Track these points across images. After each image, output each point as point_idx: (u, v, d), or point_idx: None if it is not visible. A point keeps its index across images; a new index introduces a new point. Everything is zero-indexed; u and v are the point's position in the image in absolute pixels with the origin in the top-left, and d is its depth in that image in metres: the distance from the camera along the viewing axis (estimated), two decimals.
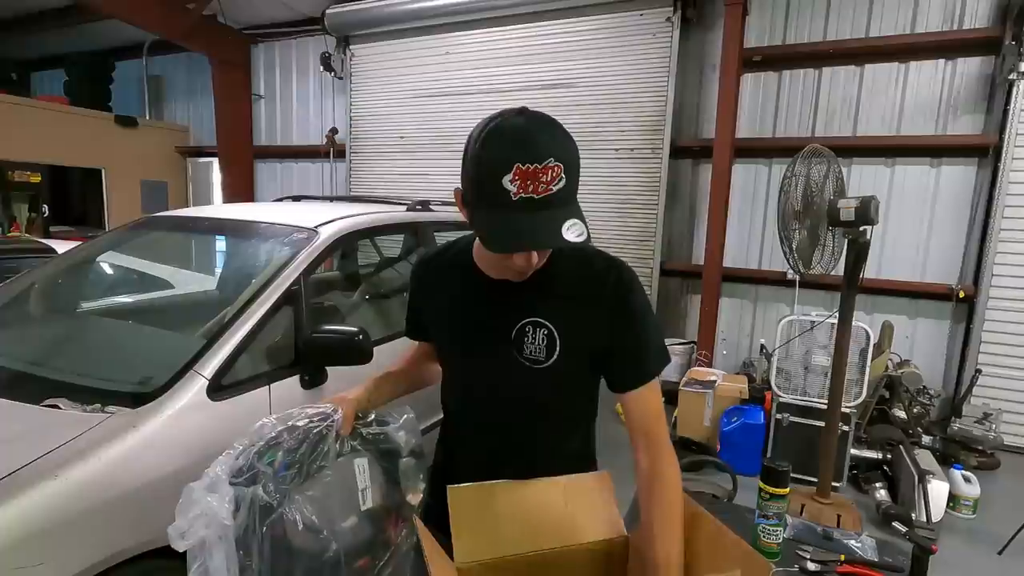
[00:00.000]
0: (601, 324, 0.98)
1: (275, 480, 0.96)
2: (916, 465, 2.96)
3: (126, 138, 7.10)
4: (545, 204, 0.80)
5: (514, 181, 0.78)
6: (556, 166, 0.79)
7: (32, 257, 3.45)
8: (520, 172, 0.78)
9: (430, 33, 5.67)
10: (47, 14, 6.81)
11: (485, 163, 0.81)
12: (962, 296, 4.02)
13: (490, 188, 0.80)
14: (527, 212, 0.80)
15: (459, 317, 1.06)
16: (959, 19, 4.03)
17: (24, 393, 1.55)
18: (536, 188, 0.78)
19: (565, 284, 0.99)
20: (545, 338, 0.98)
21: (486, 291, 1.01)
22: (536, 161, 0.78)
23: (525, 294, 0.98)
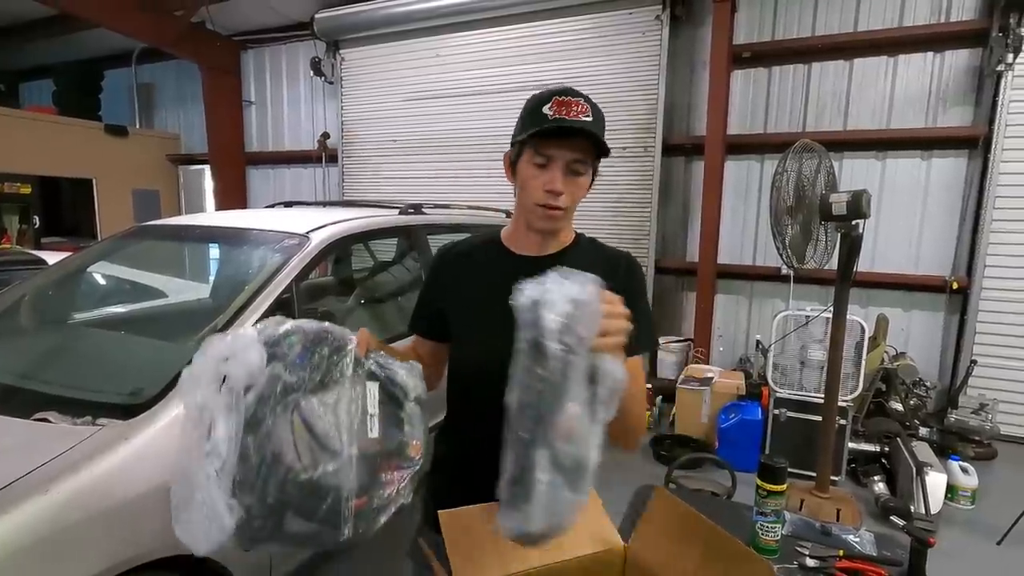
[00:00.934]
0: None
1: (292, 367, 0.87)
2: (914, 457, 2.96)
3: (116, 147, 7.06)
4: (575, 124, 0.98)
5: (551, 107, 0.98)
6: (586, 104, 1.00)
7: (23, 269, 3.42)
8: (557, 102, 0.98)
9: (420, 36, 5.66)
10: (35, 24, 6.76)
11: (530, 102, 1.03)
12: (956, 287, 4.04)
13: (532, 116, 1.00)
14: (560, 124, 0.98)
15: (482, 291, 1.10)
16: (946, 11, 4.04)
17: (14, 407, 1.54)
18: (568, 112, 0.98)
19: (588, 261, 1.05)
20: None
21: (511, 266, 1.07)
22: (571, 95, 1.00)
23: (544, 266, 1.02)
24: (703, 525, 0.99)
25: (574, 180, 1.02)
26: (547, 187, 1.00)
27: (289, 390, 0.85)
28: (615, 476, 1.04)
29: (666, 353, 4.81)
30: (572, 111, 0.98)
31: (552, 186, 1.00)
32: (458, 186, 5.60)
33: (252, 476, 0.81)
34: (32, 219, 6.30)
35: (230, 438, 0.81)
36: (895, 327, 4.18)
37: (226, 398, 0.83)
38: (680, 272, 5.03)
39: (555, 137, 0.98)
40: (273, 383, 0.84)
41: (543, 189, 1.00)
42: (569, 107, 0.98)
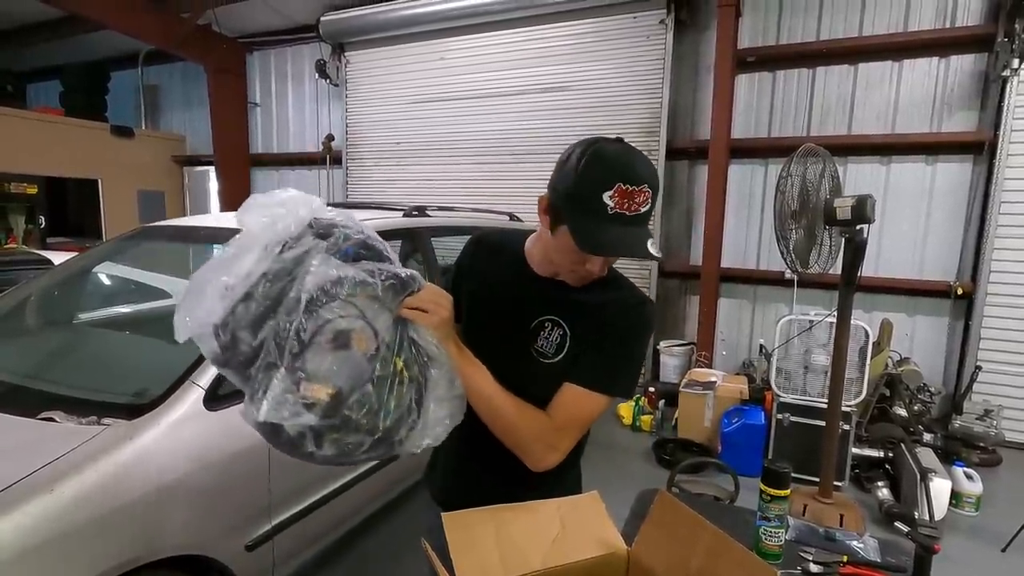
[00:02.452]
0: (604, 337, 1.05)
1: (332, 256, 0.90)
2: (918, 463, 2.95)
3: (122, 148, 7.09)
4: (634, 221, 0.91)
5: (613, 197, 0.89)
6: (648, 191, 0.91)
7: (29, 269, 3.44)
8: (621, 191, 0.89)
9: (425, 39, 5.69)
10: (42, 25, 6.81)
11: (588, 180, 0.91)
12: (960, 293, 4.02)
13: (590, 200, 0.91)
14: (619, 225, 0.91)
15: (496, 294, 1.12)
16: (952, 16, 4.04)
17: (20, 406, 1.55)
18: (630, 207, 0.90)
19: (596, 299, 1.06)
20: (559, 337, 1.06)
21: (527, 281, 1.10)
22: (635, 183, 0.90)
23: (556, 294, 1.07)
24: (707, 529, 0.98)
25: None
26: (584, 271, 0.99)
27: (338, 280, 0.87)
28: (617, 480, 1.05)
29: (669, 357, 4.80)
30: (634, 205, 0.90)
31: (592, 271, 0.99)
32: (462, 189, 5.61)
33: (244, 314, 0.87)
34: (38, 219, 6.34)
35: (249, 274, 0.86)
36: (899, 332, 4.17)
37: (267, 237, 0.87)
38: (684, 276, 5.03)
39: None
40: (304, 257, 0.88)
41: (580, 265, 0.98)
42: (632, 199, 0.90)
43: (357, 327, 0.90)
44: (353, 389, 0.88)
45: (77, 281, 2.64)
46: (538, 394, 1.06)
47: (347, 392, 0.88)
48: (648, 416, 4.09)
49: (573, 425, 1.05)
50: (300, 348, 0.86)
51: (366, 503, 2.25)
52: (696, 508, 1.24)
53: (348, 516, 2.16)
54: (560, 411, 1.03)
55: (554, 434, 1.03)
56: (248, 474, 1.68)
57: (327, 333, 0.87)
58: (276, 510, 1.78)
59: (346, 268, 0.89)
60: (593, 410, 1.05)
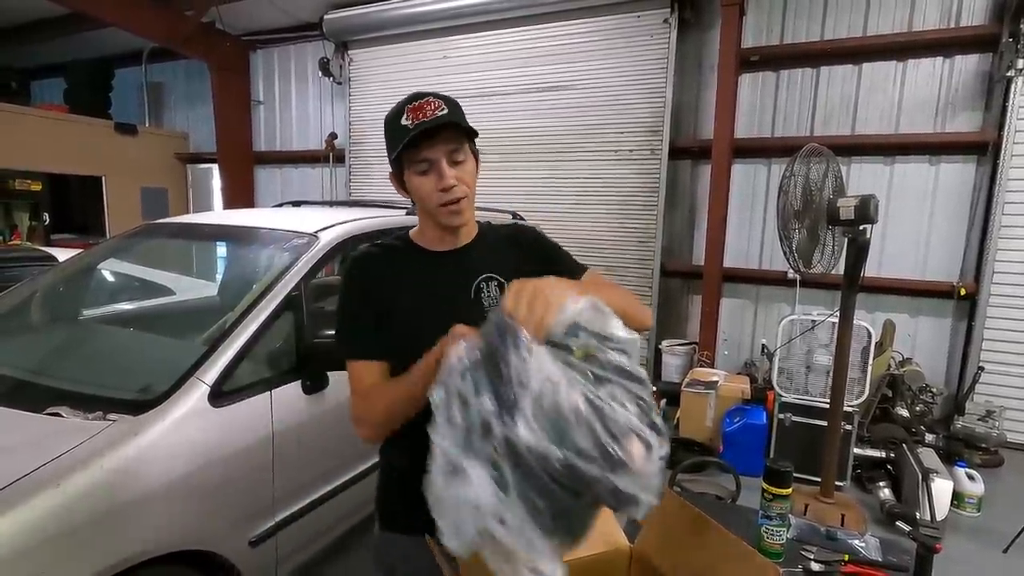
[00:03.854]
0: (531, 260, 1.15)
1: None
2: (919, 463, 2.95)
3: (126, 145, 7.11)
4: (434, 121, 1.01)
5: (407, 116, 1.01)
6: (437, 101, 1.03)
7: (33, 265, 3.46)
8: (411, 109, 1.02)
9: (428, 37, 5.68)
10: (46, 22, 6.82)
11: (388, 120, 1.06)
12: (963, 293, 4.02)
13: (395, 133, 1.03)
14: (423, 128, 1.00)
15: (420, 293, 1.10)
16: (956, 16, 4.03)
17: (26, 402, 1.56)
18: (424, 114, 1.01)
19: (495, 243, 1.20)
20: (497, 287, 1.13)
21: (439, 263, 1.14)
22: (420, 99, 1.03)
23: (470, 258, 1.15)
24: (710, 527, 0.99)
25: (459, 168, 1.05)
26: (439, 187, 1.03)
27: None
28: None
29: (671, 356, 4.80)
30: (426, 112, 1.01)
31: (442, 184, 1.03)
32: None
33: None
34: (42, 216, 6.36)
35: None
36: (902, 333, 4.16)
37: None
38: (686, 275, 5.03)
39: (424, 141, 1.01)
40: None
41: (437, 190, 1.04)
42: (423, 110, 1.02)
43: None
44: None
45: (81, 278, 2.65)
46: None
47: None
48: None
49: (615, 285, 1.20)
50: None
51: (369, 500, 2.26)
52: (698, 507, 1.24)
53: (352, 512, 2.17)
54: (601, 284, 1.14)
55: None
56: (252, 470, 1.69)
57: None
58: (280, 506, 1.80)
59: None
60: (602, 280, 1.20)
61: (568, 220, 5.19)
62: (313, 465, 1.94)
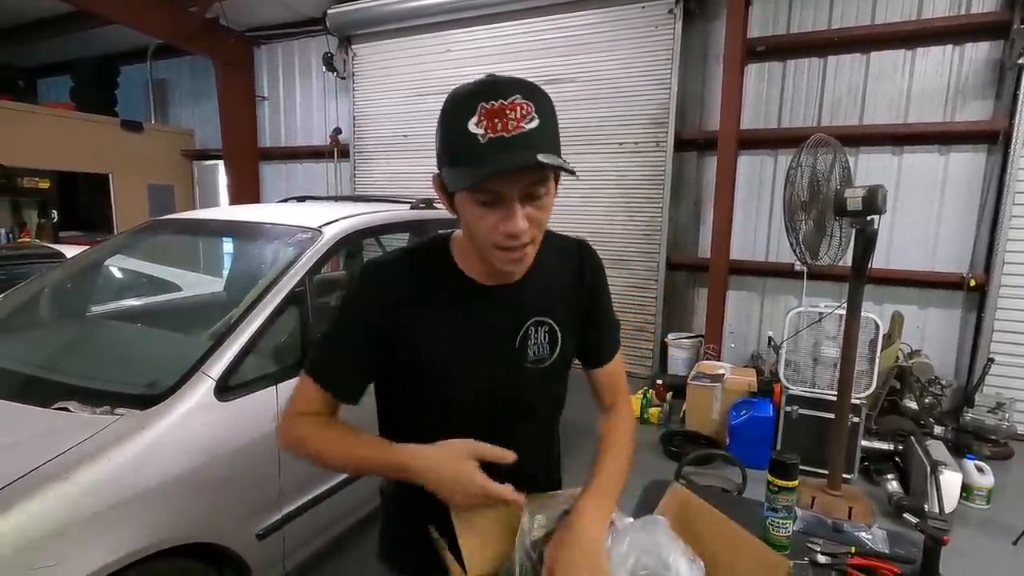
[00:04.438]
0: (583, 304, 1.01)
1: None
2: (928, 456, 2.93)
3: (132, 142, 7.14)
4: (517, 142, 0.72)
5: (480, 123, 0.72)
6: (524, 103, 0.73)
7: (42, 262, 3.48)
8: (485, 111, 0.72)
9: (431, 31, 5.66)
10: (52, 20, 6.85)
11: (450, 116, 0.76)
12: (973, 284, 3.98)
13: (459, 141, 0.74)
14: (499, 151, 0.72)
15: (456, 332, 0.90)
16: (967, 3, 3.96)
17: (35, 397, 1.57)
18: (506, 126, 0.71)
19: (553, 273, 0.97)
20: (547, 335, 0.96)
21: (486, 299, 0.91)
22: (500, 97, 0.72)
23: (523, 294, 0.93)
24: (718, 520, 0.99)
25: (535, 206, 0.78)
26: (504, 230, 0.77)
27: None
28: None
29: (677, 349, 4.79)
30: (507, 121, 0.72)
31: (510, 228, 0.76)
32: None
33: None
34: (50, 213, 6.40)
35: None
36: (911, 324, 4.13)
37: None
38: (692, 268, 5.00)
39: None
40: None
41: (499, 231, 0.77)
42: (503, 117, 0.71)
43: None
44: None
45: (89, 274, 2.67)
46: (550, 398, 1.05)
47: None
48: (656, 408, 4.08)
49: (623, 382, 1.11)
50: None
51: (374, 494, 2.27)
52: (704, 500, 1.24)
53: (358, 506, 2.19)
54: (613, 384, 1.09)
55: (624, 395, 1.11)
56: (258, 464, 1.70)
57: None
58: (286, 500, 1.81)
59: None
60: (621, 361, 1.11)
61: (574, 212, 5.17)
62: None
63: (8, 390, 1.63)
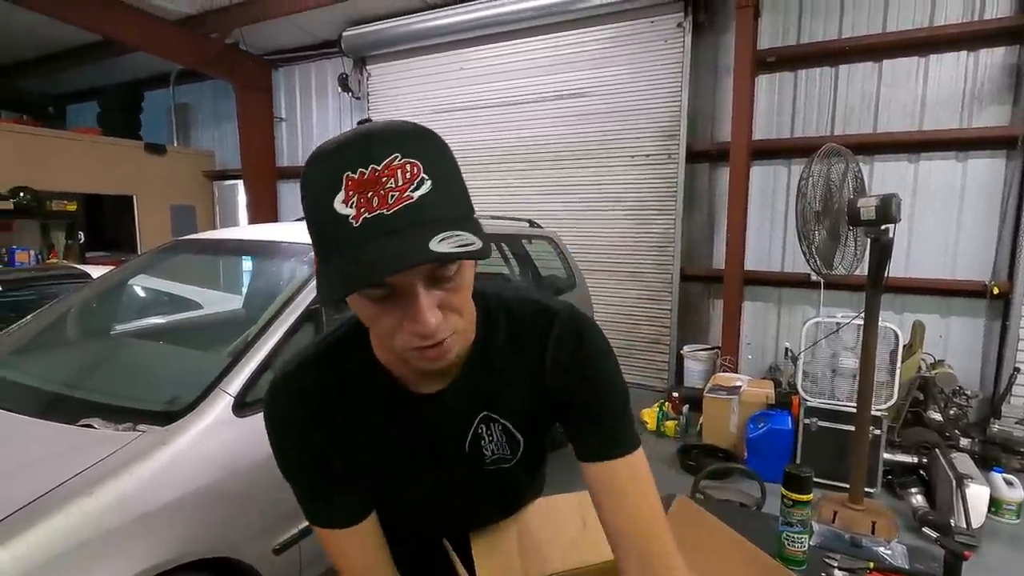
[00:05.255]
0: (552, 379, 0.76)
1: None
2: (953, 469, 2.86)
3: (155, 164, 7.36)
4: (405, 219, 0.53)
5: (349, 200, 0.53)
6: (406, 163, 0.54)
7: (69, 282, 3.59)
8: (353, 183, 0.53)
9: (443, 50, 5.77)
10: (79, 50, 7.11)
11: (313, 190, 0.57)
12: (996, 292, 3.89)
13: (326, 226, 0.55)
14: (382, 235, 0.53)
15: (392, 452, 0.78)
16: (979, 9, 3.93)
17: (61, 414, 1.62)
18: (384, 200, 0.53)
19: (504, 355, 0.76)
20: (502, 432, 0.79)
21: (418, 408, 0.76)
22: (372, 161, 0.54)
23: (467, 392, 0.76)
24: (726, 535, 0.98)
25: (449, 289, 0.60)
26: (411, 331, 0.59)
27: None
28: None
29: (693, 361, 4.75)
30: (387, 193, 0.53)
31: (417, 329, 0.58)
32: (482, 196, 5.66)
33: None
34: (78, 234, 6.59)
35: None
36: (933, 334, 4.05)
37: None
38: (706, 279, 4.97)
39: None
40: None
41: (407, 332, 0.59)
42: (377, 188, 0.53)
43: None
44: None
45: (113, 294, 2.74)
46: (524, 492, 1.00)
47: None
48: (672, 421, 4.04)
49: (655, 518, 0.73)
50: None
51: None
52: (720, 514, 1.24)
53: None
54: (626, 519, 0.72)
55: (670, 556, 0.73)
56: (275, 479, 1.71)
57: None
58: (303, 515, 1.82)
59: None
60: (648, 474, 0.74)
61: (587, 225, 5.19)
62: None
63: (35, 408, 1.69)
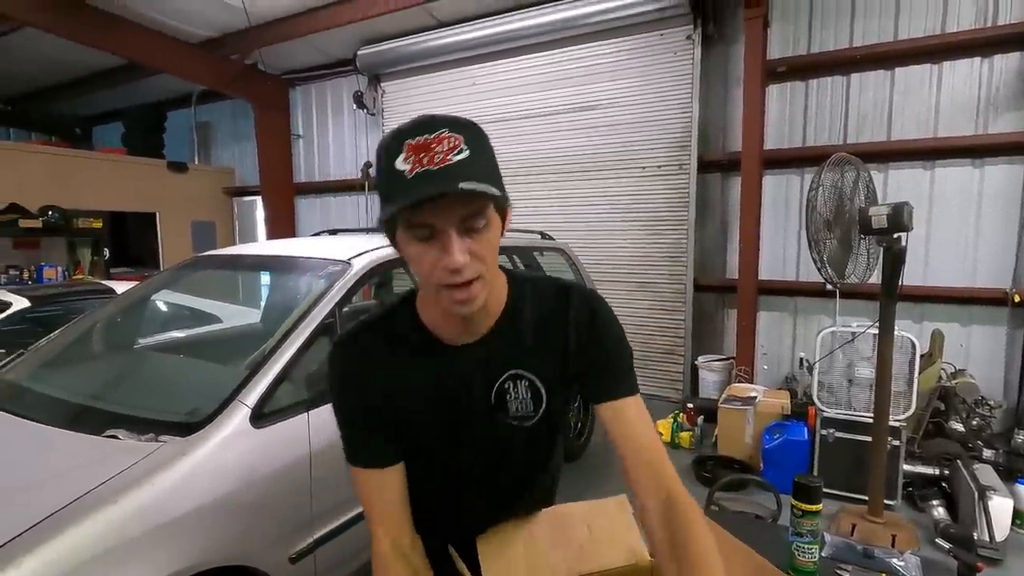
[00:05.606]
0: (579, 345, 0.92)
1: None
2: (975, 481, 2.80)
3: (177, 182, 7.57)
4: (445, 174, 0.72)
5: (407, 159, 0.72)
6: (451, 136, 0.73)
7: (95, 298, 3.70)
8: (411, 147, 0.72)
9: (456, 66, 5.87)
10: (106, 73, 7.38)
11: (381, 157, 0.76)
12: (1018, 300, 3.82)
13: (388, 179, 0.75)
14: (426, 184, 0.71)
15: (428, 397, 0.92)
16: (992, 15, 3.91)
17: (87, 425, 1.68)
18: (432, 159, 0.72)
19: (533, 324, 0.92)
20: (528, 389, 0.92)
21: (451, 360, 0.91)
22: (426, 132, 0.73)
23: (496, 350, 0.91)
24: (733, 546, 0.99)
25: (476, 239, 0.76)
26: (444, 265, 0.75)
27: None
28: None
29: (708, 372, 4.72)
30: (434, 155, 0.72)
31: (448, 261, 0.74)
32: None
33: None
34: (103, 251, 6.78)
35: None
36: (953, 343, 3.98)
37: None
38: (720, 289, 4.95)
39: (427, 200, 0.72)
40: None
41: (441, 267, 0.76)
42: (428, 151, 0.72)
43: None
44: None
45: (137, 308, 2.83)
46: (541, 454, 1.05)
47: None
48: (687, 433, 4.02)
49: (655, 443, 0.91)
50: None
51: None
52: (735, 526, 1.24)
53: None
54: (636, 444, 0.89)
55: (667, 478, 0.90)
56: (291, 489, 1.77)
57: None
58: (318, 524, 1.86)
59: None
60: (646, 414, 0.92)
61: (599, 237, 5.21)
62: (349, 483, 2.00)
63: (63, 419, 1.75)
